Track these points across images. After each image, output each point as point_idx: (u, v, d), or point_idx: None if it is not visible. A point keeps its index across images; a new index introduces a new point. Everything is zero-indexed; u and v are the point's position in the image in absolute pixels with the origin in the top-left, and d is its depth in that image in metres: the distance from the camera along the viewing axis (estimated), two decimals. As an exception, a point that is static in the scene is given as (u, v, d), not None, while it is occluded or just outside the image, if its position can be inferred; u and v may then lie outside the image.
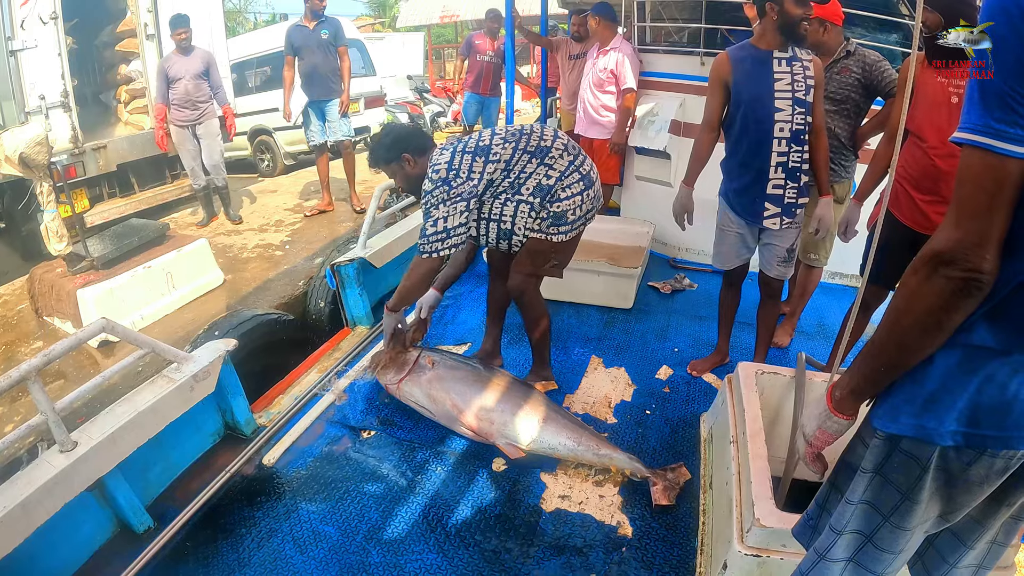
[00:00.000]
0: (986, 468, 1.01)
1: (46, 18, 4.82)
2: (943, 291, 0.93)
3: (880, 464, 1.10)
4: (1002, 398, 0.96)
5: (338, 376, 3.06)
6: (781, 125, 2.50)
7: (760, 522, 1.65)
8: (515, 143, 2.50)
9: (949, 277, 0.91)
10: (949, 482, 1.05)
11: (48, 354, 1.84)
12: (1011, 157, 0.85)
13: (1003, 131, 0.85)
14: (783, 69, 2.47)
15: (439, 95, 13.53)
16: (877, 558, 1.16)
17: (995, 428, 0.97)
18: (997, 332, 0.96)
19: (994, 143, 0.85)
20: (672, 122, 4.27)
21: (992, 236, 0.88)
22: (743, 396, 2.15)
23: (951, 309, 0.94)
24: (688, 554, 2.07)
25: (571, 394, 2.92)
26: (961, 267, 0.90)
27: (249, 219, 6.12)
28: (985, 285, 0.91)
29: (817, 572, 1.22)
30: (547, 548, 2.09)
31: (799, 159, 2.54)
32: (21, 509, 1.74)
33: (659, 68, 4.52)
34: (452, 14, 16.81)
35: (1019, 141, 0.84)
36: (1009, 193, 0.86)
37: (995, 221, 0.88)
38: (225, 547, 2.10)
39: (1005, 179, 0.86)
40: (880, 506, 1.12)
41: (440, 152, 2.52)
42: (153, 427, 2.17)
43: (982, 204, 0.88)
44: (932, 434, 1.01)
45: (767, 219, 2.63)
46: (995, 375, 0.97)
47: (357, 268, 3.47)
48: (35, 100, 4.85)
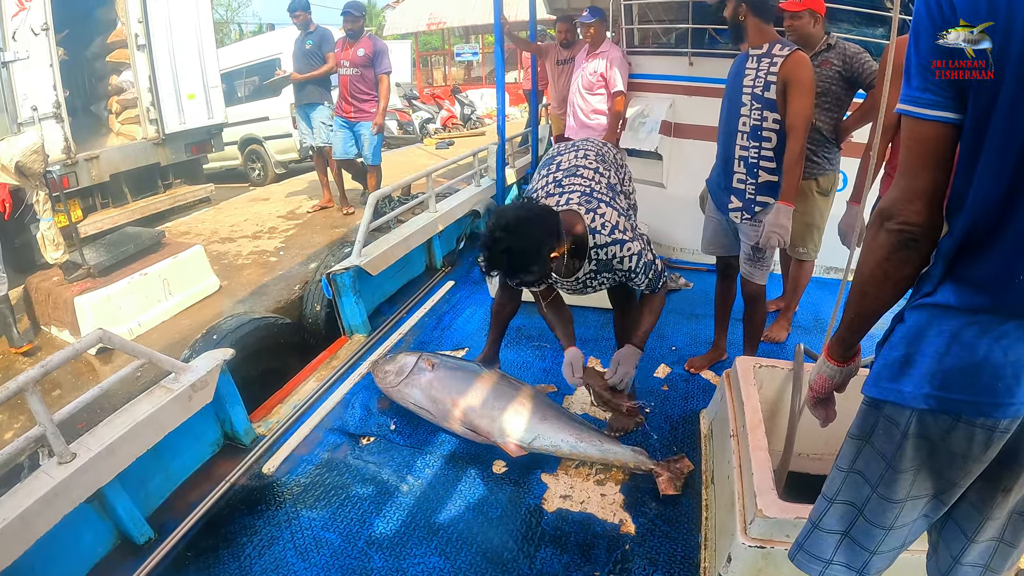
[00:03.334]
0: (966, 438, 1.02)
1: (37, 29, 4.80)
2: (885, 243, 1.03)
3: (866, 430, 1.14)
4: (971, 359, 0.99)
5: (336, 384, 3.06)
6: (743, 120, 2.59)
7: (763, 513, 1.66)
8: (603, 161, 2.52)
9: (889, 230, 1.02)
10: (932, 452, 1.06)
11: (45, 365, 1.83)
12: (926, 120, 0.97)
13: (917, 97, 0.97)
14: (752, 66, 2.54)
15: (428, 102, 13.62)
16: (869, 533, 1.17)
17: (965, 392, 1.00)
18: (959, 292, 1.00)
19: (911, 108, 0.98)
20: (662, 123, 4.29)
21: (919, 191, 0.99)
22: (742, 390, 2.16)
23: (895, 260, 1.04)
24: (692, 549, 2.08)
25: (569, 395, 2.93)
26: (897, 220, 1.01)
27: (243, 227, 6.11)
28: (920, 236, 1.00)
29: (812, 542, 1.25)
30: (550, 547, 2.09)
31: (756, 155, 2.59)
32: (20, 521, 1.72)
33: (648, 70, 4.55)
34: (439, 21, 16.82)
35: (931, 105, 0.96)
36: (930, 153, 0.98)
37: (921, 178, 0.99)
38: (226, 556, 2.09)
39: (924, 140, 0.98)
40: (868, 475, 1.14)
41: (597, 215, 2.22)
42: (152, 437, 2.15)
43: (911, 164, 1.00)
44: (908, 397, 1.05)
45: (731, 211, 2.72)
46: (961, 334, 1.00)
47: (353, 276, 3.46)
48: (27, 111, 4.83)
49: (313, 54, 5.77)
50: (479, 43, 18.46)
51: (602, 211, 2.22)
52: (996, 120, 0.88)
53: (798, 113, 2.45)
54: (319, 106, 5.90)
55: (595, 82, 4.53)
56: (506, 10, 5.00)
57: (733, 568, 1.74)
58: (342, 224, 6.02)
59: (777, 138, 2.53)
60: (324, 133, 5.99)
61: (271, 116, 9.28)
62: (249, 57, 9.80)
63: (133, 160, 6.09)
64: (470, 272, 4.44)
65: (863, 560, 1.20)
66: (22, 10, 4.74)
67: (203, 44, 6.49)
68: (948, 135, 0.96)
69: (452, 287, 4.23)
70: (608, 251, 2.21)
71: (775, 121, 2.51)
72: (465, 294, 4.12)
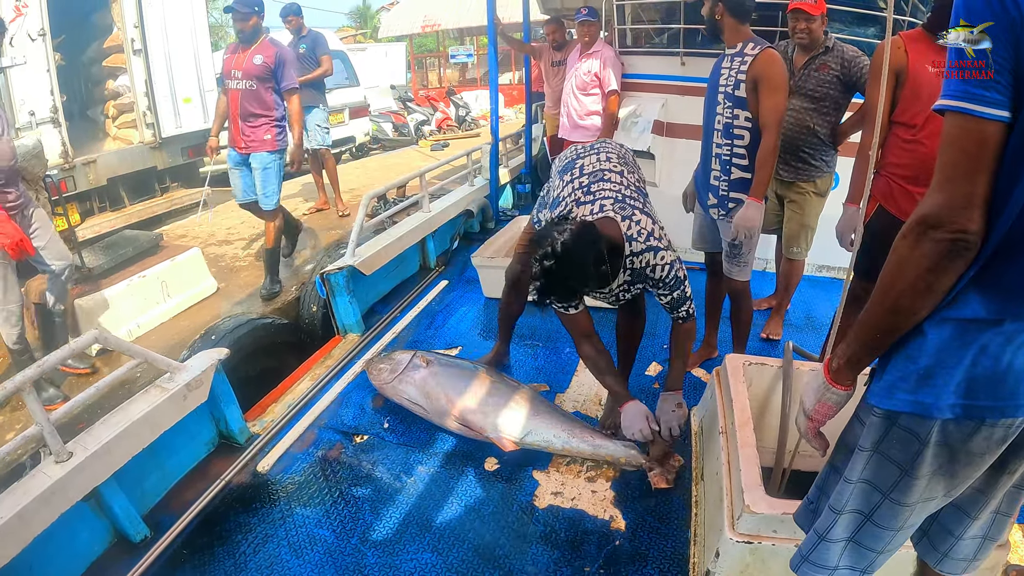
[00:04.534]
0: (986, 439, 1.03)
1: (34, 35, 4.85)
2: (932, 253, 0.96)
3: (878, 441, 1.12)
4: (996, 368, 0.99)
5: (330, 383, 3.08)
6: (719, 118, 2.63)
7: (750, 508, 1.67)
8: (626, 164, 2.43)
9: (937, 240, 0.94)
10: (952, 458, 1.06)
11: (42, 364, 1.86)
12: (989, 120, 0.89)
13: (981, 95, 0.89)
14: (726, 65, 2.58)
15: (423, 104, 13.64)
16: (877, 535, 1.17)
17: (991, 398, 1.00)
18: (987, 302, 0.98)
19: (973, 107, 0.90)
20: (655, 122, 4.32)
21: (977, 197, 0.92)
22: (731, 387, 2.18)
23: (940, 271, 0.97)
24: (681, 545, 2.10)
25: (562, 393, 2.95)
26: (948, 229, 0.93)
27: (239, 229, 6.13)
28: (972, 245, 0.94)
29: (818, 554, 1.24)
30: (541, 543, 2.12)
31: (729, 152, 2.63)
32: (18, 519, 1.74)
33: (641, 70, 4.58)
34: (434, 23, 16.85)
35: (995, 104, 0.89)
36: (990, 155, 0.91)
37: (978, 182, 0.92)
38: (222, 553, 2.11)
39: (985, 141, 0.91)
40: (879, 483, 1.13)
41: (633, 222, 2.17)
42: (147, 436, 2.17)
43: (965, 167, 0.92)
44: (931, 408, 1.03)
45: (710, 208, 2.77)
46: (988, 346, 0.99)
47: (346, 276, 3.49)
48: (25, 116, 4.87)
49: (307, 58, 5.79)
50: (474, 45, 18.49)
51: (637, 218, 2.18)
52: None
53: (770, 110, 2.47)
54: (314, 109, 5.92)
55: (589, 82, 4.56)
56: (500, 11, 5.02)
57: (721, 563, 1.75)
58: (338, 226, 6.04)
59: (749, 136, 2.57)
60: (320, 136, 6.03)
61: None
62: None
63: (130, 164, 6.14)
64: (463, 272, 4.46)
65: (869, 560, 1.21)
66: (19, 16, 4.78)
67: (198, 48, 6.54)
68: (1004, 135, 0.91)
69: (446, 287, 4.26)
70: (643, 259, 2.16)
71: (747, 119, 2.55)
72: (458, 294, 4.14)
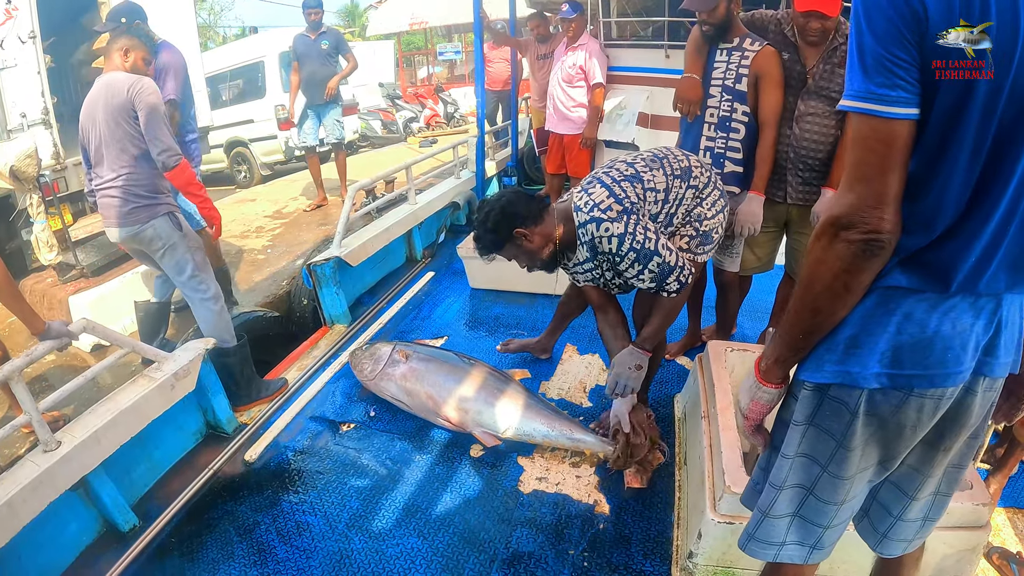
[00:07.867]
0: (916, 410, 1.03)
1: (25, 37, 4.82)
2: (845, 255, 0.95)
3: (812, 414, 1.13)
4: (922, 335, 0.99)
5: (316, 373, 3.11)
6: (711, 111, 2.63)
7: (731, 489, 1.71)
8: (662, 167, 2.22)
9: (850, 241, 0.93)
10: (882, 426, 1.07)
11: (31, 354, 1.87)
12: (896, 119, 0.89)
13: (885, 95, 0.88)
14: (721, 59, 2.59)
15: (411, 101, 13.64)
16: (821, 510, 1.18)
17: (919, 367, 1.00)
18: (908, 273, 0.99)
19: (878, 108, 0.89)
20: (640, 115, 4.35)
21: (888, 196, 0.91)
22: (713, 372, 2.22)
23: (856, 271, 0.96)
24: (665, 528, 2.13)
25: (546, 381, 2.98)
26: (860, 230, 0.92)
27: (230, 227, 6.13)
28: (887, 244, 0.93)
29: (763, 530, 1.24)
30: (525, 527, 2.15)
31: (723, 146, 2.64)
32: (6, 509, 1.76)
33: (626, 62, 4.62)
34: (421, 21, 16.76)
35: (901, 103, 0.88)
36: (899, 153, 0.90)
37: (889, 181, 0.91)
38: (210, 541, 2.14)
39: (894, 141, 0.90)
40: (817, 456, 1.14)
41: (585, 193, 2.11)
42: (135, 425, 2.19)
43: (874, 167, 0.91)
44: (857, 378, 1.04)
45: None
46: (913, 312, 1.00)
47: (333, 267, 3.51)
48: (16, 118, 4.86)
49: (330, 55, 5.87)
50: (461, 42, 18.50)
51: (592, 190, 2.08)
52: (971, 116, 0.86)
53: (771, 106, 2.51)
54: (334, 106, 6.05)
55: (575, 75, 4.59)
56: (486, 6, 5.05)
57: (703, 544, 1.80)
58: (330, 222, 6.04)
59: (745, 129, 2.59)
60: (338, 130, 6.17)
61: (256, 119, 9.31)
62: (233, 61, 9.83)
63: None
64: (450, 263, 4.48)
65: (816, 536, 1.21)
66: (9, 19, 4.77)
67: (187, 48, 6.53)
68: (912, 133, 0.90)
69: (432, 278, 4.29)
70: (586, 230, 2.07)
71: (744, 113, 2.57)
72: (445, 285, 4.17)
